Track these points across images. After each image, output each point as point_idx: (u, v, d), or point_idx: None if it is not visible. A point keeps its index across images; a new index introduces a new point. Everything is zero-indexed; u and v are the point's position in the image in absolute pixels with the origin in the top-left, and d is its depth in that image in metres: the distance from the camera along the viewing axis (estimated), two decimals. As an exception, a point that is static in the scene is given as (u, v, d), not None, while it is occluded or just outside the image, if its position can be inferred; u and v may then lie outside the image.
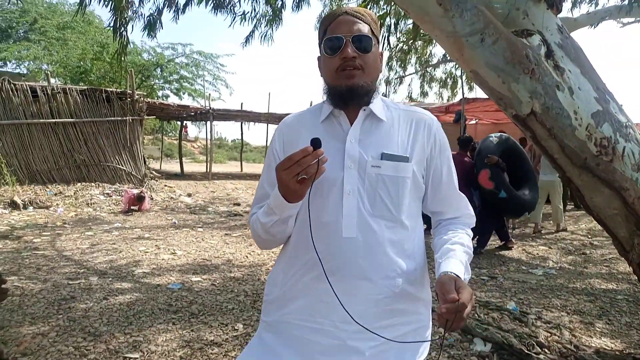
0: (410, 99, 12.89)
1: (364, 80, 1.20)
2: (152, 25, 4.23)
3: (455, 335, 3.40)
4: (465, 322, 1.03)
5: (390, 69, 10.53)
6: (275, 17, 5.81)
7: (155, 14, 4.39)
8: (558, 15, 2.51)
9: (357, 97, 1.20)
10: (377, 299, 1.18)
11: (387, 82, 11.97)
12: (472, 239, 1.40)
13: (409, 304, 1.24)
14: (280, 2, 5.72)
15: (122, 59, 4.39)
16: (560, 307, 4.17)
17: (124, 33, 4.04)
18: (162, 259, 5.49)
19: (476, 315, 3.75)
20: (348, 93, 1.19)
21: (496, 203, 6.15)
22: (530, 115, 2.18)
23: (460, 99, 10.48)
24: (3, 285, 1.69)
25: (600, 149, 2.13)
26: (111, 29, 4.01)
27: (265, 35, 5.96)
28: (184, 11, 6.34)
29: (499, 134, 6.77)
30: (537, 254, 6.48)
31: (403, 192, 1.21)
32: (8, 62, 21.94)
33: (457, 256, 1.18)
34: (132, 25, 4.23)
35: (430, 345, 1.35)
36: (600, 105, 2.16)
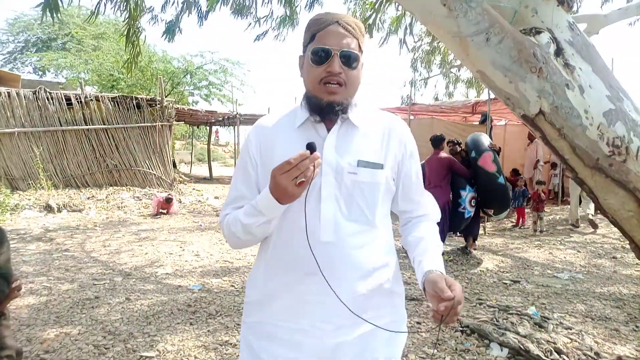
0: (436, 100, 12.74)
1: (344, 96, 1.24)
2: (171, 31, 4.34)
3: (472, 340, 3.34)
4: (457, 316, 1.08)
5: (414, 70, 10.44)
6: (291, 17, 5.90)
7: (174, 20, 4.50)
8: (581, 12, 2.45)
9: (335, 111, 1.24)
10: (354, 296, 1.22)
11: (412, 84, 11.89)
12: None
13: (385, 298, 1.30)
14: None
15: (132, 67, 4.54)
16: (585, 312, 4.03)
17: (136, 42, 4.16)
18: (185, 261, 5.61)
19: (494, 319, 3.67)
20: (328, 108, 1.23)
21: (492, 188, 6.19)
22: (539, 115, 2.13)
23: (486, 99, 10.29)
24: (14, 284, 1.77)
25: (612, 149, 2.06)
26: (124, 37, 4.14)
27: (278, 35, 6.11)
28: (206, 17, 6.53)
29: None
30: (565, 257, 6.29)
31: (377, 197, 1.27)
32: (47, 71, 22.97)
33: (435, 254, 1.25)
34: (145, 35, 4.37)
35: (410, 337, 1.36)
36: (613, 104, 2.09)
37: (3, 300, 1.76)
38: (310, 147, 1.09)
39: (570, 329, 3.52)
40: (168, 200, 9.48)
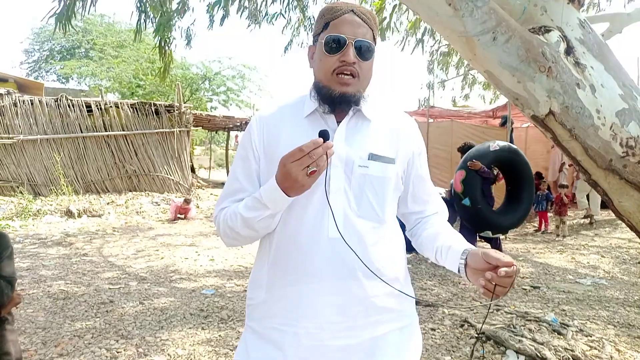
0: (454, 103, 12.58)
1: (357, 88, 1.19)
2: (189, 38, 4.42)
3: (488, 347, 3.26)
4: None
5: (430, 72, 10.33)
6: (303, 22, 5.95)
7: (190, 26, 4.58)
8: (602, 12, 2.38)
9: (348, 103, 1.19)
10: (363, 297, 1.17)
11: (430, 87, 11.77)
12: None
13: (395, 302, 1.24)
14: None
15: (166, 75, 4.64)
16: (607, 319, 3.90)
17: (168, 51, 4.23)
18: (200, 265, 5.64)
19: (511, 326, 3.58)
20: (339, 99, 1.18)
21: (458, 208, 6.04)
22: (549, 116, 2.07)
23: (506, 102, 10.12)
24: (15, 293, 1.79)
25: (626, 150, 1.99)
26: (157, 49, 4.22)
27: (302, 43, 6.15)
28: (222, 23, 6.60)
29: (504, 143, 6.49)
30: (588, 262, 6.12)
31: (387, 193, 1.22)
32: (70, 79, 23.55)
33: (462, 240, 1.21)
34: (175, 44, 4.49)
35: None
36: (627, 103, 2.02)
37: (6, 305, 1.78)
38: (323, 135, 1.04)
39: (591, 336, 3.41)
40: (187, 202, 9.59)
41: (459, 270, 1.13)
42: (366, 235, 1.18)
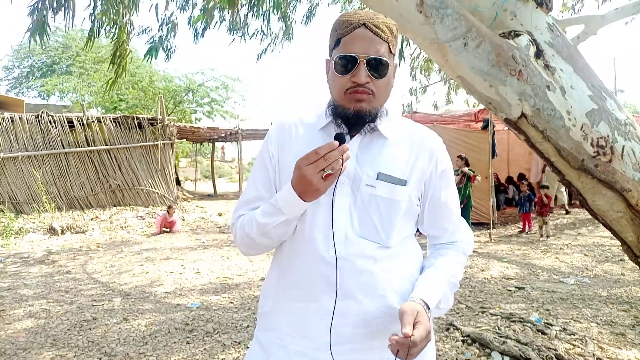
0: (436, 108, 12.70)
1: (372, 105, 1.13)
2: (154, 50, 4.38)
3: (472, 349, 3.27)
4: (415, 357, 0.98)
5: (413, 78, 10.42)
6: (287, 33, 5.97)
7: (160, 39, 4.55)
8: (580, 13, 2.43)
9: (363, 122, 1.14)
10: (366, 319, 1.13)
11: (411, 92, 11.87)
12: None
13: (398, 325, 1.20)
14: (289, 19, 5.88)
15: (114, 86, 4.63)
16: (591, 317, 3.95)
17: (122, 64, 4.20)
18: (186, 279, 5.58)
19: (496, 327, 3.60)
20: (354, 117, 1.13)
21: None
22: (522, 118, 2.11)
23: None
24: None
25: (597, 149, 2.03)
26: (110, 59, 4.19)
27: (274, 50, 6.18)
28: (202, 35, 6.59)
29: None
30: (571, 261, 6.19)
31: (395, 217, 1.15)
32: (52, 95, 23.28)
33: (436, 283, 1.14)
34: (132, 57, 4.45)
35: None
36: (596, 104, 2.07)
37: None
38: (339, 138, 1.01)
39: (574, 335, 3.44)
40: (170, 209, 9.53)
41: None
42: (369, 256, 1.13)
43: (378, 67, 1.10)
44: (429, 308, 1.07)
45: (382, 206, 1.14)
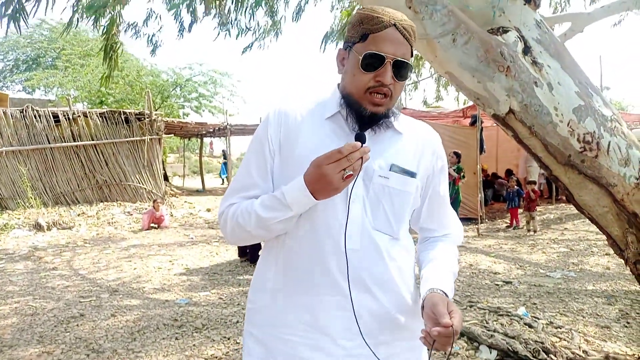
0: (425, 104, 12.75)
1: (388, 107, 1.14)
2: (155, 45, 4.34)
3: (461, 343, 3.31)
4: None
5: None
6: (274, 28, 5.93)
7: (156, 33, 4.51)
8: (567, 11, 2.45)
9: (376, 122, 1.15)
10: (379, 312, 1.14)
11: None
12: None
13: (410, 319, 1.20)
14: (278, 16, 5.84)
15: (109, 81, 4.58)
16: (577, 311, 4.01)
17: (113, 56, 4.15)
18: (174, 275, 5.55)
19: (484, 321, 3.64)
20: (369, 118, 1.13)
21: None
22: (509, 114, 2.12)
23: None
24: None
25: (583, 145, 2.05)
26: (102, 52, 4.14)
27: (261, 45, 6.15)
28: (190, 30, 6.53)
29: None
30: (558, 256, 6.28)
31: (405, 209, 1.18)
32: (37, 89, 22.90)
33: (445, 274, 1.15)
34: (122, 50, 4.38)
35: None
36: (582, 100, 2.09)
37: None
38: (360, 139, 1.01)
39: (560, 328, 3.49)
40: (156, 203, 9.47)
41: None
42: (382, 248, 1.14)
43: (402, 70, 1.10)
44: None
45: (394, 197, 1.15)
